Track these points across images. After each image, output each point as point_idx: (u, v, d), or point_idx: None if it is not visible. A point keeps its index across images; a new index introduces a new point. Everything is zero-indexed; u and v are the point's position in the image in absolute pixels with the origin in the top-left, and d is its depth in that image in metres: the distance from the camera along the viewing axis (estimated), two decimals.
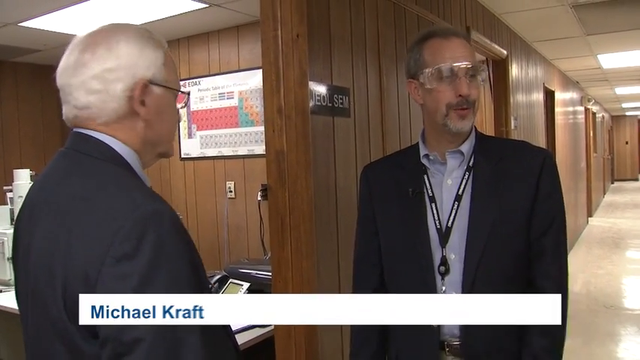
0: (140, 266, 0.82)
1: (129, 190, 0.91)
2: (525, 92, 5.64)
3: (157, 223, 0.86)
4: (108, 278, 0.82)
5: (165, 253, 0.85)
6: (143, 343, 0.82)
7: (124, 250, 0.82)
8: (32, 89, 5.21)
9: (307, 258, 1.89)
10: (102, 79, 0.95)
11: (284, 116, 1.87)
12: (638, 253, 8.12)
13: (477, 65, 1.38)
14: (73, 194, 0.91)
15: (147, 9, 3.50)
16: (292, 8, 1.86)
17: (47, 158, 4.52)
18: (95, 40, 0.98)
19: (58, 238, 0.88)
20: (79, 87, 0.96)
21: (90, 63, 0.96)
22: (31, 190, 1.03)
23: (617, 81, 9.69)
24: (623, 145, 21.18)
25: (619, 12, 4.54)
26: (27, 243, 0.96)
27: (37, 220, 0.94)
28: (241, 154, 4.19)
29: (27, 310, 0.97)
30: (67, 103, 0.99)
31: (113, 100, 0.97)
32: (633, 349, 4.28)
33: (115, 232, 0.83)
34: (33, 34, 4.00)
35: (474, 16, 3.93)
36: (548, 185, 1.38)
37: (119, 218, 0.84)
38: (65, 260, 0.86)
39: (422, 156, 1.45)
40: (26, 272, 0.96)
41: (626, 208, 12.93)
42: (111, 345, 0.82)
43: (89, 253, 0.84)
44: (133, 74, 0.97)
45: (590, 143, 11.61)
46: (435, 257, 1.39)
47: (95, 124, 0.98)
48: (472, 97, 1.37)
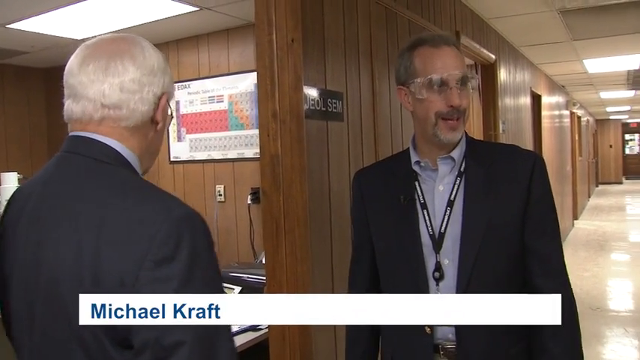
0: (179, 269, 0.84)
1: (157, 195, 0.92)
2: (513, 96, 5.69)
3: (190, 225, 0.88)
4: (147, 282, 0.83)
5: (199, 256, 0.87)
6: (184, 346, 0.83)
7: (163, 254, 0.83)
8: (18, 92, 5.16)
9: (302, 262, 1.89)
10: (139, 82, 0.98)
11: (279, 120, 1.87)
12: (622, 255, 8.22)
13: (468, 74, 1.39)
14: (95, 201, 0.90)
15: (136, 12, 3.48)
16: (287, 13, 1.86)
17: (34, 161, 4.49)
18: (127, 47, 0.99)
19: (81, 245, 0.86)
20: (114, 86, 0.96)
21: (130, 67, 0.97)
22: (28, 197, 0.99)
23: (602, 85, 9.83)
24: (607, 149, 21.46)
25: (605, 18, 4.60)
26: (32, 252, 0.93)
27: (49, 228, 0.91)
28: (231, 158, 4.18)
29: (31, 324, 0.93)
30: (89, 101, 0.97)
31: (145, 103, 0.99)
32: (620, 350, 4.33)
33: (152, 236, 0.84)
34: (20, 36, 3.96)
35: (464, 21, 3.96)
36: (539, 188, 1.38)
37: (155, 222, 0.85)
38: (94, 268, 0.84)
39: (413, 163, 1.46)
40: (29, 284, 0.93)
41: (611, 210, 13.09)
42: (150, 351, 0.83)
43: (123, 258, 0.84)
44: (162, 84, 1.02)
45: (575, 147, 11.75)
46: (430, 263, 1.40)
47: (119, 126, 0.98)
48: (463, 106, 1.38)
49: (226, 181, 4.19)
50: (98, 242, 0.85)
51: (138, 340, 0.84)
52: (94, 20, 3.60)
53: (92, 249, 0.85)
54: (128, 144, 0.99)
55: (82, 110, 0.98)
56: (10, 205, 1.04)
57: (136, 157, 1.00)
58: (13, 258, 0.98)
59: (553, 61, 7.03)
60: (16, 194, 1.05)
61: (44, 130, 5.36)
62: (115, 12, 3.45)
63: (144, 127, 1.01)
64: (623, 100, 13.18)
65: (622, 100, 13.17)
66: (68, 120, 1.01)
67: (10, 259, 0.99)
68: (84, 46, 1.01)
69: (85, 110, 0.97)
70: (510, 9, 4.35)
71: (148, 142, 1.03)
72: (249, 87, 4.07)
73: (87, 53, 0.99)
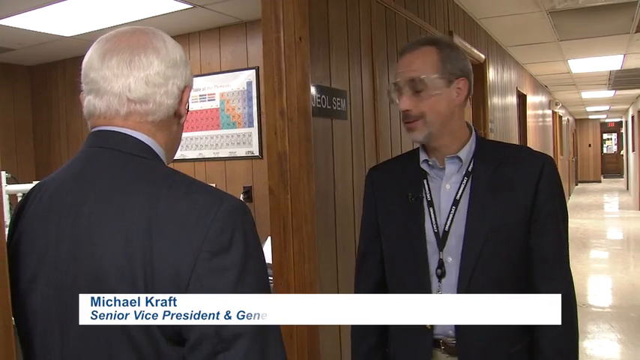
0: (235, 259, 0.84)
1: (203, 187, 0.91)
2: (500, 96, 5.75)
3: (242, 215, 0.88)
4: (205, 273, 0.83)
5: (251, 245, 0.87)
6: (243, 338, 0.83)
7: (219, 244, 0.83)
8: (4, 89, 5.07)
9: (309, 260, 1.88)
10: (164, 75, 0.96)
11: (286, 119, 1.86)
12: (603, 252, 8.35)
13: (421, 76, 1.38)
14: (141, 194, 0.88)
15: (127, 9, 3.43)
16: (294, 11, 1.86)
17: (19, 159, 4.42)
18: (150, 39, 0.97)
19: (130, 240, 0.84)
20: (140, 80, 0.94)
21: (154, 60, 0.96)
22: (55, 193, 0.96)
23: (584, 85, 9.98)
24: (586, 148, 21.80)
25: (592, 18, 4.67)
26: (68, 249, 0.90)
27: (89, 224, 0.89)
28: (222, 157, 4.16)
29: (64, 324, 0.90)
30: (114, 96, 0.95)
31: (170, 96, 0.97)
32: (606, 345, 4.40)
33: (207, 226, 0.84)
34: (7, 33, 3.89)
35: (456, 21, 3.99)
36: (547, 190, 1.37)
37: (208, 213, 0.85)
38: (147, 261, 0.83)
39: (421, 161, 1.47)
40: (62, 282, 0.90)
41: (591, 209, 13.29)
42: (209, 342, 0.82)
43: (178, 250, 0.83)
44: (184, 77, 1.00)
45: (557, 146, 11.91)
46: (433, 260, 1.41)
47: (146, 121, 0.96)
48: (414, 111, 1.40)
49: (218, 180, 4.16)
50: (150, 236, 0.84)
51: (195, 333, 0.83)
52: (83, 17, 3.56)
53: (143, 243, 0.84)
54: (156, 138, 0.98)
55: (106, 105, 0.95)
56: (29, 205, 1.00)
57: (163, 151, 0.99)
58: (40, 257, 0.94)
59: (538, 61, 7.12)
60: (33, 194, 1.01)
61: (30, 129, 5.27)
62: (106, 9, 3.41)
63: (168, 121, 0.99)
64: (603, 100, 13.40)
65: (602, 100, 13.39)
66: (90, 116, 0.98)
67: (34, 258, 0.95)
68: (103, 40, 0.98)
69: (110, 105, 0.95)
70: (501, 9, 4.40)
71: (172, 136, 1.02)
72: (241, 85, 4.05)
73: (108, 47, 0.96)
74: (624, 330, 4.71)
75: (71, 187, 0.94)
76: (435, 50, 1.41)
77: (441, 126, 1.41)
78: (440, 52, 1.41)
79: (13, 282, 0.98)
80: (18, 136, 5.17)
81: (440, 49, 1.41)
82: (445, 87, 1.40)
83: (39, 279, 0.94)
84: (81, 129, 4.88)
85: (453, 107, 1.42)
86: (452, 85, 1.41)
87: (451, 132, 1.44)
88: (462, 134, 1.46)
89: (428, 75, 1.38)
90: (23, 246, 0.97)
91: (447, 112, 1.41)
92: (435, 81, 1.38)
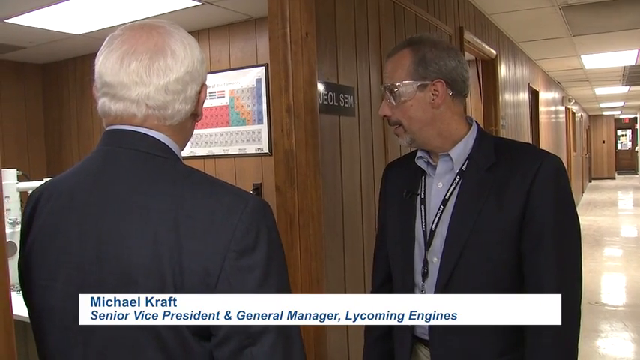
0: (260, 258, 0.86)
1: (226, 187, 0.92)
2: (512, 92, 5.70)
3: (265, 215, 0.90)
4: (233, 271, 0.84)
5: (275, 243, 0.90)
6: (269, 333, 0.86)
7: (245, 244, 0.85)
8: (15, 87, 5.10)
9: (316, 258, 1.88)
10: (183, 81, 0.95)
11: (293, 115, 1.85)
12: (618, 250, 8.27)
13: (392, 85, 1.37)
14: (165, 194, 0.88)
15: (137, 6, 3.44)
16: (301, 6, 1.84)
17: (31, 157, 4.45)
18: (167, 41, 0.95)
19: (157, 239, 0.85)
20: (159, 88, 0.93)
21: (174, 66, 0.94)
22: (72, 192, 0.95)
23: (598, 81, 9.87)
24: (600, 145, 21.56)
25: (605, 13, 4.61)
26: (92, 248, 0.89)
27: (113, 223, 0.89)
28: (232, 154, 4.16)
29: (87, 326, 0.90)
30: (132, 102, 0.93)
31: (188, 101, 0.97)
32: (619, 344, 4.35)
33: (234, 226, 0.85)
34: (19, 31, 3.91)
35: (467, 17, 3.96)
36: (542, 193, 1.28)
37: (235, 213, 0.87)
38: (176, 261, 0.84)
39: (416, 158, 1.46)
40: (85, 281, 0.89)
41: (605, 206, 13.16)
42: (237, 338, 0.85)
43: (206, 249, 0.84)
44: (201, 76, 0.99)
45: (570, 142, 11.80)
46: (420, 259, 1.40)
47: (164, 124, 0.95)
48: (392, 118, 1.39)
49: (227, 177, 4.16)
50: (177, 235, 0.85)
51: (224, 329, 0.85)
52: (92, 15, 3.57)
53: (171, 243, 0.85)
54: (173, 138, 0.97)
55: (123, 108, 0.94)
56: (45, 202, 0.99)
57: (179, 150, 1.00)
58: (59, 255, 0.93)
59: (551, 57, 7.05)
60: (47, 191, 1.00)
61: (41, 127, 5.31)
62: (116, 6, 3.41)
63: (186, 122, 1.00)
64: (617, 96, 13.25)
65: (616, 96, 13.24)
66: (105, 116, 0.97)
67: (54, 257, 0.94)
68: (118, 40, 0.95)
69: (126, 109, 0.94)
70: (513, 4, 4.35)
71: (188, 134, 1.03)
72: (250, 82, 4.04)
73: (125, 50, 0.93)
74: (638, 329, 4.65)
75: (91, 186, 0.94)
76: (410, 54, 1.37)
77: (420, 131, 1.38)
78: (414, 55, 1.36)
79: (30, 278, 0.98)
80: (30, 134, 5.21)
81: (414, 52, 1.37)
82: (418, 92, 1.36)
83: (59, 277, 0.93)
84: (92, 127, 4.91)
85: (432, 111, 1.37)
86: (426, 89, 1.36)
87: (439, 134, 1.39)
88: (454, 134, 1.40)
89: (400, 81, 1.36)
90: (41, 244, 0.97)
91: (425, 117, 1.37)
92: (407, 86, 1.36)
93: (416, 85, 1.35)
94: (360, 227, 2.19)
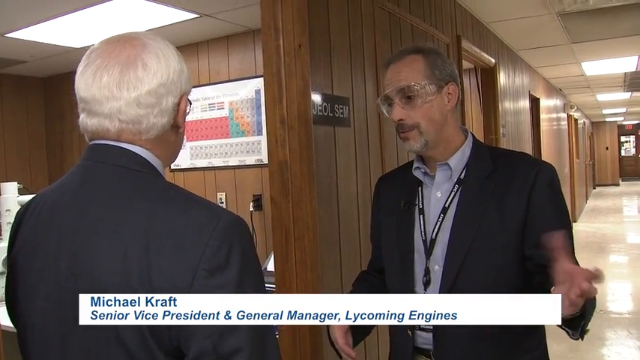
0: (232, 277, 0.84)
1: (200, 203, 0.91)
2: (512, 100, 5.70)
3: (239, 232, 0.88)
4: (203, 290, 0.83)
5: (248, 262, 0.87)
6: (242, 353, 0.83)
7: (217, 262, 0.83)
8: (17, 101, 5.14)
9: (312, 270, 1.87)
10: (156, 93, 0.93)
11: (287, 127, 1.85)
12: (622, 257, 8.22)
13: (411, 84, 1.37)
14: (137, 210, 0.87)
15: (136, 19, 3.47)
16: (294, 18, 1.85)
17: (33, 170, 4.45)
18: (139, 53, 0.93)
19: (128, 256, 0.84)
20: (131, 102, 0.91)
21: (145, 78, 0.92)
22: (52, 207, 0.95)
23: (599, 88, 9.86)
24: (603, 151, 21.50)
25: (604, 20, 4.62)
26: (67, 264, 0.89)
27: (87, 240, 0.88)
28: (232, 165, 4.17)
29: (63, 340, 0.90)
30: (105, 117, 0.93)
31: (164, 114, 0.95)
32: (625, 353, 4.31)
33: (205, 244, 0.83)
34: (19, 46, 3.94)
35: (464, 25, 3.96)
36: (541, 199, 1.33)
37: (205, 230, 0.84)
38: (145, 278, 0.83)
39: (414, 168, 1.47)
40: (62, 297, 0.89)
41: (609, 212, 13.10)
42: (208, 359, 0.82)
43: (175, 266, 0.83)
44: (179, 88, 0.97)
45: (573, 149, 11.78)
46: (421, 268, 1.41)
47: (140, 138, 0.94)
48: (408, 121, 1.38)
49: (228, 188, 4.17)
50: (147, 252, 0.84)
51: (194, 349, 0.83)
52: (92, 29, 3.59)
53: (140, 260, 0.84)
54: (153, 151, 0.96)
55: (97, 124, 0.93)
56: (28, 217, 0.99)
57: (161, 163, 0.98)
58: (39, 271, 0.93)
59: (551, 64, 7.05)
60: (32, 205, 1.01)
61: (43, 140, 5.34)
62: (115, 20, 3.44)
63: (165, 135, 0.97)
64: (619, 102, 13.23)
65: (618, 102, 13.22)
66: (84, 131, 0.97)
67: (34, 273, 0.94)
68: (94, 55, 0.94)
69: (101, 124, 0.93)
70: (510, 12, 4.36)
71: (171, 146, 1.01)
72: (249, 94, 4.06)
73: (98, 64, 0.92)
74: None
75: (69, 202, 0.94)
76: (421, 58, 1.39)
77: (436, 134, 1.39)
78: (426, 59, 1.39)
79: (14, 295, 0.98)
80: (31, 147, 5.24)
81: (425, 57, 1.40)
82: (436, 93, 1.38)
83: (38, 293, 0.93)
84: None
85: (446, 113, 1.41)
86: (442, 91, 1.39)
87: (445, 139, 1.42)
88: (454, 141, 1.43)
89: (418, 82, 1.36)
90: (23, 260, 0.97)
91: (441, 119, 1.40)
92: (426, 88, 1.37)
93: (435, 87, 1.37)
94: (357, 238, 2.19)
